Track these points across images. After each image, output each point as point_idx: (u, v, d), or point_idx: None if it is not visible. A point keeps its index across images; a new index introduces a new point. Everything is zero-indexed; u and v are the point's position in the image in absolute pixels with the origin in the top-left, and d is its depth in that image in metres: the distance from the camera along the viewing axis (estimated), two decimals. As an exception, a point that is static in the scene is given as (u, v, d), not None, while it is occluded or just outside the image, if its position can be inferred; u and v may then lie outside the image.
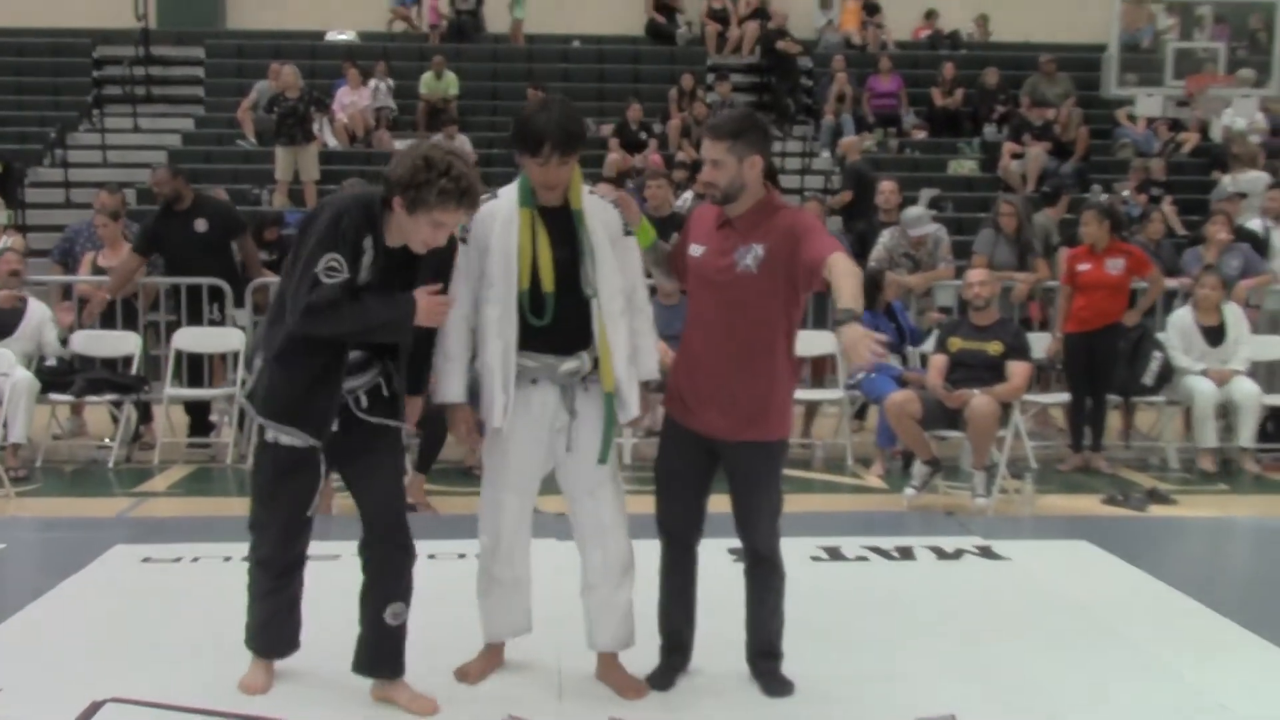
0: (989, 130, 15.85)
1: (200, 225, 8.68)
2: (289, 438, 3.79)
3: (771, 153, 4.20)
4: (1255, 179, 11.99)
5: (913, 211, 9.56)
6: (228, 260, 8.89)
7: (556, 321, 3.84)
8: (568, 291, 3.84)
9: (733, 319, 3.87)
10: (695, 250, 3.98)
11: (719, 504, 4.10)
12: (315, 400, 3.73)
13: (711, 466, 4.04)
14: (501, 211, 3.88)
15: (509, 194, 3.92)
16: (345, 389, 3.75)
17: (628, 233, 3.99)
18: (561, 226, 3.86)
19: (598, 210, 3.92)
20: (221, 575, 5.55)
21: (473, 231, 3.91)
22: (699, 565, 4.18)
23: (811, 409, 8.97)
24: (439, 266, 3.80)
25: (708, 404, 3.93)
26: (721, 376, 3.90)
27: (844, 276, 3.63)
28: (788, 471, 7.79)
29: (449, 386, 3.97)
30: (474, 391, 3.98)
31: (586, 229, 3.86)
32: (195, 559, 5.81)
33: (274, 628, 4.12)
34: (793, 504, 4.45)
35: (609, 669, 4.12)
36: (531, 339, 3.85)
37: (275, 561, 4.05)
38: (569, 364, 3.87)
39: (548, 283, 3.82)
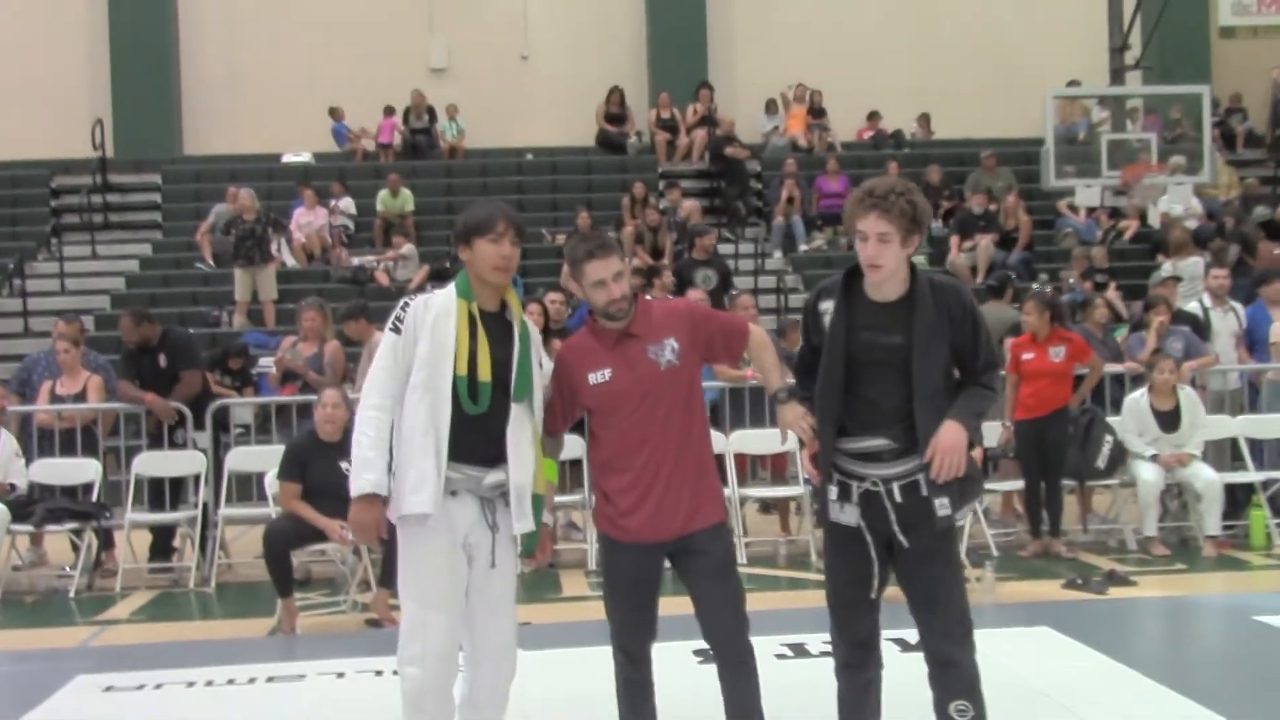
0: (935, 226, 16.24)
1: (162, 360, 8.85)
2: None
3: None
4: (1193, 263, 12.33)
5: None
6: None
7: (485, 418, 3.79)
8: (498, 393, 3.82)
9: (672, 417, 3.91)
10: (598, 377, 3.93)
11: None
12: None
13: (661, 573, 4.01)
14: (437, 303, 3.88)
15: (445, 291, 3.94)
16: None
17: (547, 360, 4.09)
18: (499, 330, 3.88)
19: (532, 330, 4.01)
20: (185, 701, 5.53)
21: (406, 321, 3.85)
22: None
23: (784, 506, 9.06)
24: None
25: (664, 511, 3.91)
26: (675, 477, 3.90)
27: (767, 352, 4.03)
28: (753, 569, 7.92)
29: (372, 477, 3.78)
30: None
31: (530, 342, 3.93)
32: (159, 686, 5.76)
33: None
34: (758, 601, 4.48)
35: None
36: (461, 441, 3.78)
37: None
38: (493, 476, 3.84)
39: (484, 373, 3.78)
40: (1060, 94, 16.63)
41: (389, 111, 18.44)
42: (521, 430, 3.85)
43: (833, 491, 3.77)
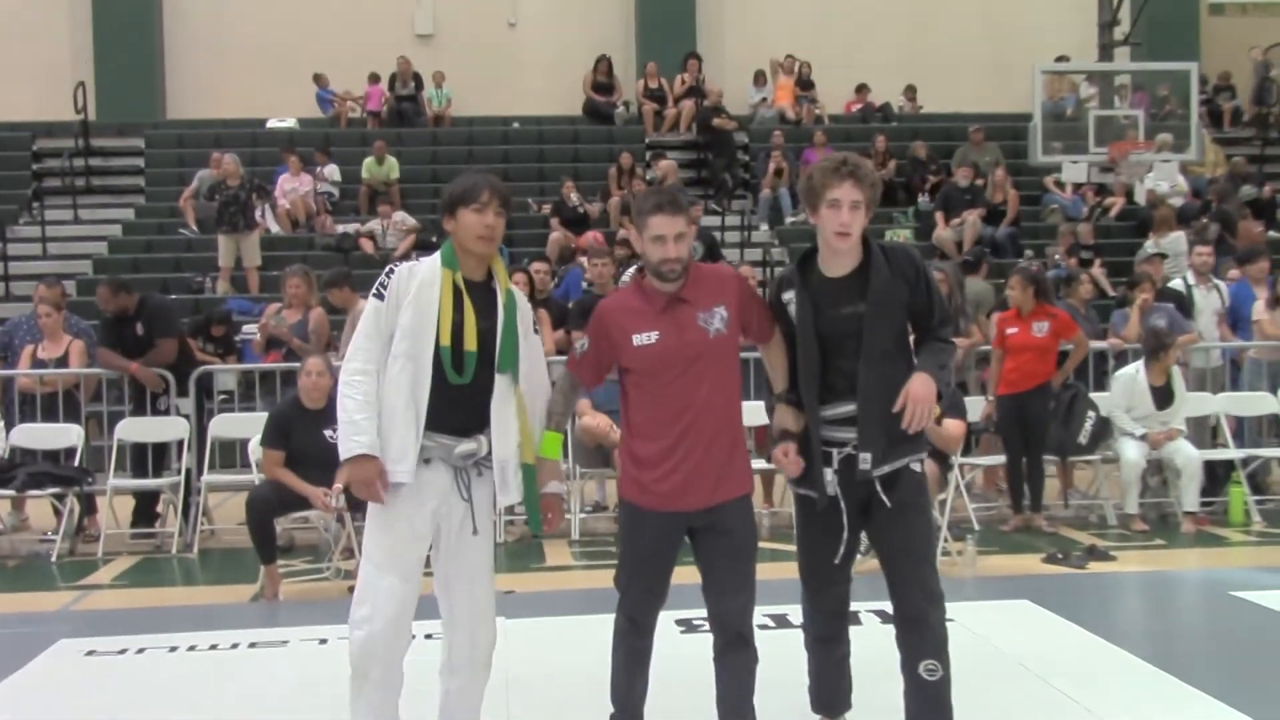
0: (922, 200, 16.25)
1: (140, 329, 8.81)
2: None
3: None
4: (1176, 240, 12.37)
5: None
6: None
7: (469, 388, 3.76)
8: (482, 363, 3.79)
9: (715, 386, 3.85)
10: (645, 339, 3.86)
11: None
12: None
13: (680, 544, 3.95)
14: (421, 271, 3.84)
15: (430, 259, 3.91)
16: None
17: (535, 331, 4.04)
18: (484, 299, 3.84)
19: (519, 299, 3.97)
20: (168, 667, 5.53)
21: (390, 288, 3.82)
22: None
23: (768, 477, 9.07)
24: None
25: (694, 481, 3.84)
26: (711, 447, 3.84)
27: (782, 353, 4.00)
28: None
29: (364, 439, 3.74)
30: None
31: (516, 311, 3.89)
32: (140, 650, 5.76)
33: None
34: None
35: None
36: (438, 412, 3.76)
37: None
38: (465, 445, 3.80)
39: (470, 342, 3.75)
40: (1049, 69, 16.63)
41: (374, 79, 18.31)
42: (505, 402, 3.83)
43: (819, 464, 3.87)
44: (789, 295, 3.94)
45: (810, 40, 19.17)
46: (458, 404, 3.77)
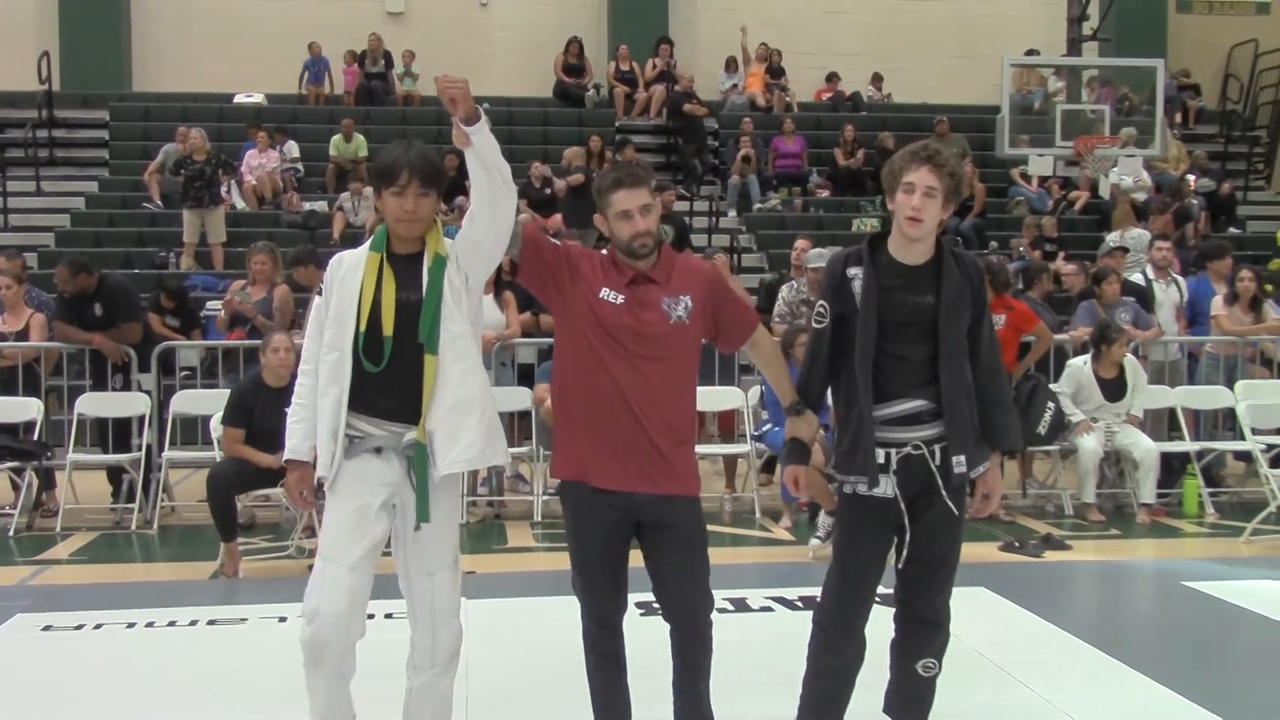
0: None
1: (98, 309, 8.77)
2: None
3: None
4: (1139, 235, 12.49)
5: (813, 251, 9.87)
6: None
7: (392, 372, 3.60)
8: (408, 340, 3.61)
9: (662, 373, 3.68)
10: (611, 296, 3.69)
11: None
12: None
13: (632, 533, 3.77)
14: (350, 258, 3.73)
15: (363, 246, 3.77)
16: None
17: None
18: (412, 272, 3.66)
19: (450, 256, 3.70)
20: (126, 643, 5.51)
21: (326, 282, 3.74)
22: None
23: (731, 463, 9.12)
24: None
25: (630, 466, 3.67)
26: (650, 435, 3.66)
27: (778, 362, 3.95)
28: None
29: (291, 443, 3.74)
30: None
31: (444, 276, 3.65)
32: (98, 626, 5.74)
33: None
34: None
35: None
36: (373, 399, 3.63)
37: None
38: (412, 434, 3.63)
39: (387, 326, 3.60)
40: (1017, 62, 16.73)
41: (355, 58, 18.14)
42: (443, 384, 3.62)
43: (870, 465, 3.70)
44: (855, 271, 3.72)
45: (783, 28, 19.19)
46: (388, 389, 3.62)
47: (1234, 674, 5.32)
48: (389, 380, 3.62)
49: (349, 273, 3.68)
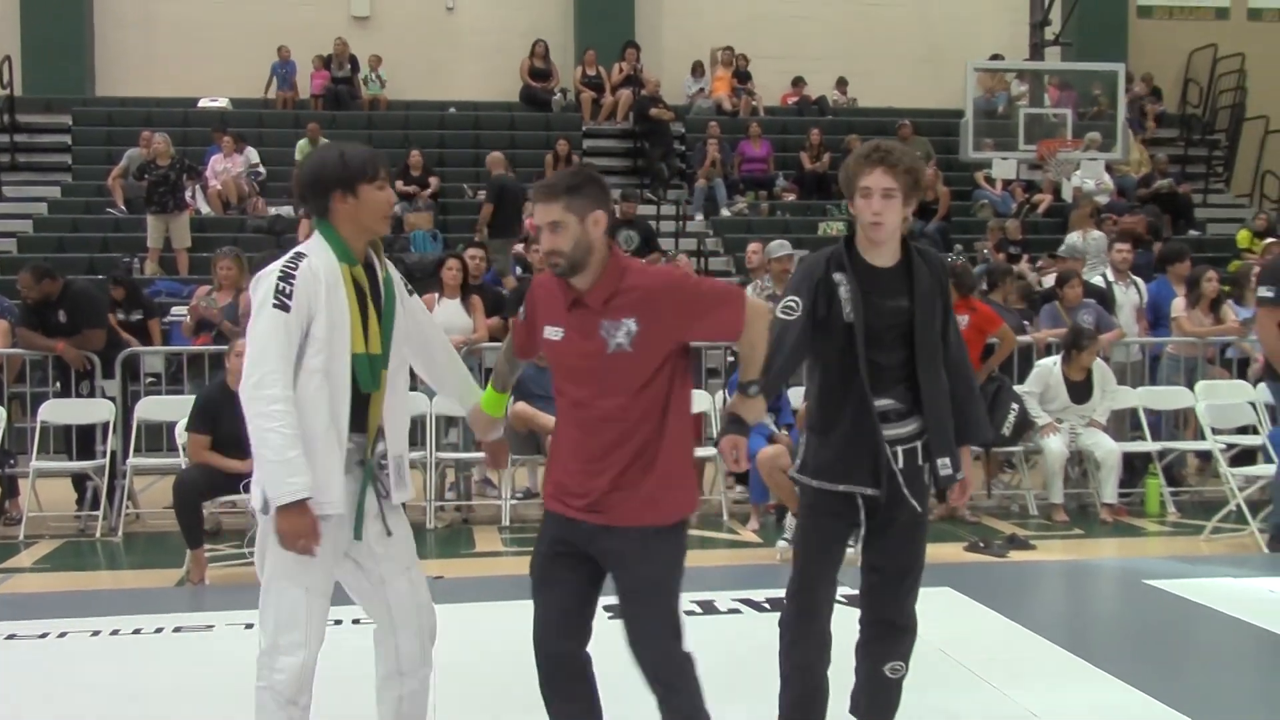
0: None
1: (62, 316, 8.70)
2: None
3: (612, 207, 3.59)
4: (1099, 238, 12.63)
5: (775, 242, 9.97)
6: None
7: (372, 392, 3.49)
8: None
9: (612, 403, 3.35)
10: (553, 333, 3.45)
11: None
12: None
13: (596, 569, 3.49)
14: (322, 271, 3.39)
15: (318, 253, 3.44)
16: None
17: (410, 291, 3.69)
18: (374, 284, 3.53)
19: (393, 272, 3.63)
20: (90, 651, 5.48)
21: (295, 296, 3.34)
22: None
23: (699, 466, 9.13)
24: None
25: (593, 496, 3.39)
26: (608, 464, 3.37)
27: (761, 335, 3.45)
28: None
29: (300, 480, 3.31)
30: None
31: (394, 295, 3.57)
32: (62, 634, 5.70)
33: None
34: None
35: None
36: (350, 420, 3.45)
37: None
38: (379, 446, 3.54)
39: (375, 344, 3.45)
40: (981, 66, 16.85)
41: (318, 63, 18.07)
42: (396, 395, 3.56)
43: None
44: (840, 276, 3.68)
45: (748, 32, 19.27)
46: (362, 407, 3.49)
47: (1195, 671, 5.41)
48: (368, 398, 3.49)
49: (332, 289, 3.39)
